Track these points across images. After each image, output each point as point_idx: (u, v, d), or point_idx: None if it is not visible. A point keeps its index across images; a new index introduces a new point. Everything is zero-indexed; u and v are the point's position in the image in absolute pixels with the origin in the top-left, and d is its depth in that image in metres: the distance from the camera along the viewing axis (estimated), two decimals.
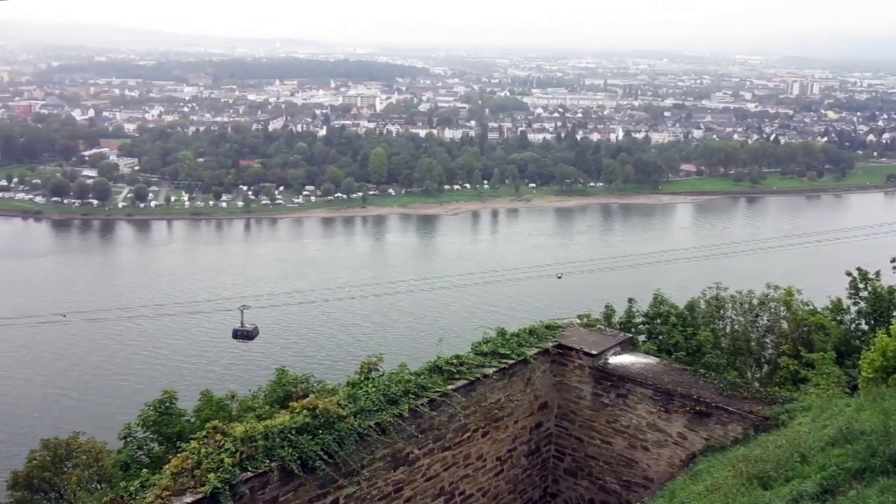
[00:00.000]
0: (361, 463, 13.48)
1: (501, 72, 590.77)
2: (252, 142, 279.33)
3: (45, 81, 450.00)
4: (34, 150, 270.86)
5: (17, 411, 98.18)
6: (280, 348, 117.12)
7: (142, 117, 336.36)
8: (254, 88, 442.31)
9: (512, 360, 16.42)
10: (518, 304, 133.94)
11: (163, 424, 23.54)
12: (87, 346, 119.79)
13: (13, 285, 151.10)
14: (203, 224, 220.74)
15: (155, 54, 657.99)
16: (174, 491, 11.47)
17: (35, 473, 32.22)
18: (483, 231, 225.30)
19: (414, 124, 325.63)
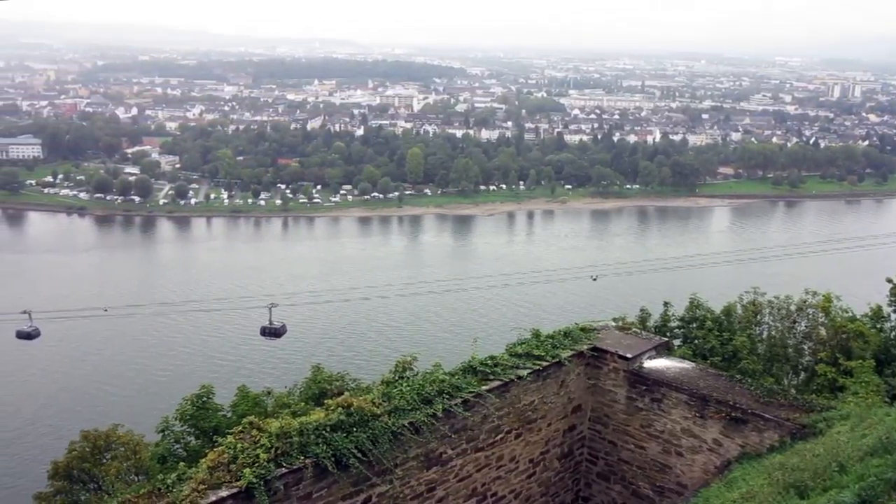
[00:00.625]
0: (395, 462, 13.55)
1: (538, 72, 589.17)
2: (290, 141, 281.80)
3: (90, 80, 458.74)
4: (79, 147, 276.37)
5: (59, 403, 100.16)
6: (315, 346, 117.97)
7: (183, 116, 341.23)
8: (293, 88, 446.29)
9: (546, 363, 16.39)
10: (553, 305, 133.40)
11: (199, 419, 23.86)
12: (126, 340, 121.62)
13: (58, 280, 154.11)
14: (242, 222, 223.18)
15: (197, 54, 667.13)
16: (210, 485, 11.63)
17: (75, 464, 32.77)
18: (518, 232, 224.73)
19: (451, 125, 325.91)
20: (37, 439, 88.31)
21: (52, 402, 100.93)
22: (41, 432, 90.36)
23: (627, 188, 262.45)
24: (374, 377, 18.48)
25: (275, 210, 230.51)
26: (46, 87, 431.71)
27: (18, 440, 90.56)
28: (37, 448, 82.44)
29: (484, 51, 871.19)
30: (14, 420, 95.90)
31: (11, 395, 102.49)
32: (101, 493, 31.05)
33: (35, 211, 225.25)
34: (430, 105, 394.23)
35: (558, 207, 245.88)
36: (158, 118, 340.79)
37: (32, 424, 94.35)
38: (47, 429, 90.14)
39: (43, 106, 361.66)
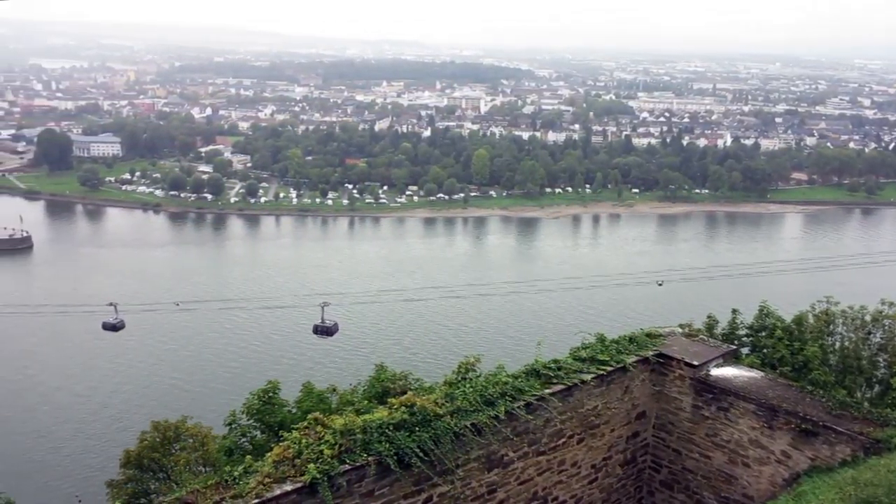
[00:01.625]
0: (456, 462, 13.59)
1: (607, 75, 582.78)
2: (358, 141, 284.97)
3: (167, 81, 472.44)
4: (155, 145, 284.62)
5: (133, 394, 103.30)
6: (379, 345, 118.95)
7: (255, 116, 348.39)
8: (362, 89, 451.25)
9: (611, 367, 16.24)
10: (618, 310, 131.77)
11: (265, 413, 24.29)
12: (197, 334, 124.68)
13: (134, 274, 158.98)
14: (309, 220, 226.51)
15: (269, 55, 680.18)
16: (275, 478, 11.86)
17: (145, 454, 33.62)
18: (584, 235, 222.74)
19: (517, 126, 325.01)
20: (111, 428, 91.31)
21: (127, 392, 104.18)
22: (115, 421, 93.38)
23: (696, 193, 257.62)
24: (436, 377, 18.56)
25: (341, 209, 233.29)
26: (126, 88, 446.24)
27: (94, 428, 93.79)
28: (111, 436, 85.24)
29: (552, 52, 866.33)
30: (91, 409, 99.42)
31: (91, 385, 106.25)
32: (170, 483, 31.82)
33: (113, 207, 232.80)
34: (498, 107, 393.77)
35: (624, 211, 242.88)
36: (231, 118, 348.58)
37: (108, 413, 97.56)
38: (121, 418, 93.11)
39: (123, 105, 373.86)
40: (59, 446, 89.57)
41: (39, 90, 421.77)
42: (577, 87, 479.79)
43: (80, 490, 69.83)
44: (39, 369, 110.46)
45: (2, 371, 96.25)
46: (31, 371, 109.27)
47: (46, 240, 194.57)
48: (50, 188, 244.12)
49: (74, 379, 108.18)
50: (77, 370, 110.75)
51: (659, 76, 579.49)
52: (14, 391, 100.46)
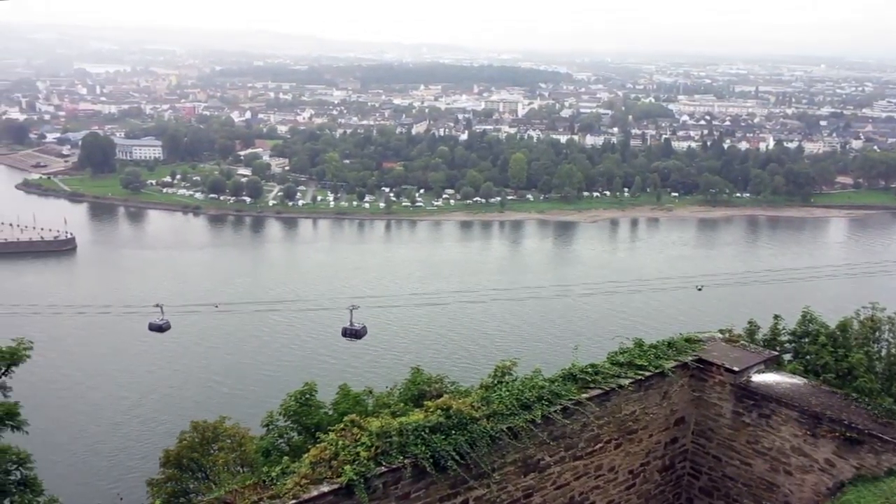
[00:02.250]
0: (492, 466, 13.53)
1: (647, 77, 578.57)
2: (396, 145, 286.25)
3: (208, 85, 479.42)
4: (196, 148, 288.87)
5: (173, 394, 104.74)
6: (415, 347, 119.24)
7: (293, 119, 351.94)
8: (399, 93, 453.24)
9: (649, 373, 16.05)
10: (656, 315, 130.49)
11: (302, 415, 24.44)
12: (235, 336, 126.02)
13: (175, 276, 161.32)
14: (346, 223, 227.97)
15: (308, 59, 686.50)
16: (312, 479, 11.90)
17: (184, 453, 34.04)
18: (622, 239, 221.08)
19: (555, 130, 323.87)
20: (151, 427, 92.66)
21: (167, 393, 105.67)
22: (156, 421, 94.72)
23: (737, 197, 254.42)
24: (472, 381, 18.52)
25: (378, 213, 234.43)
26: (168, 92, 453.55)
27: (135, 427, 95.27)
28: (151, 435, 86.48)
29: (591, 55, 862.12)
30: (133, 408, 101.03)
31: (133, 385, 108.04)
32: (208, 483, 32.16)
33: (154, 209, 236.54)
34: (535, 110, 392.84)
35: (664, 215, 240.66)
36: (270, 121, 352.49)
37: (148, 413, 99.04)
38: (161, 418, 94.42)
39: (164, 109, 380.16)
40: (101, 445, 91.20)
41: (84, 94, 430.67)
42: (616, 91, 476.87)
43: (122, 489, 70.98)
44: (83, 369, 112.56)
45: (47, 371, 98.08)
46: (74, 370, 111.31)
47: (89, 241, 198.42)
48: (93, 190, 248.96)
49: (117, 378, 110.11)
50: (120, 370, 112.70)
51: (700, 79, 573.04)
52: (59, 390, 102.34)
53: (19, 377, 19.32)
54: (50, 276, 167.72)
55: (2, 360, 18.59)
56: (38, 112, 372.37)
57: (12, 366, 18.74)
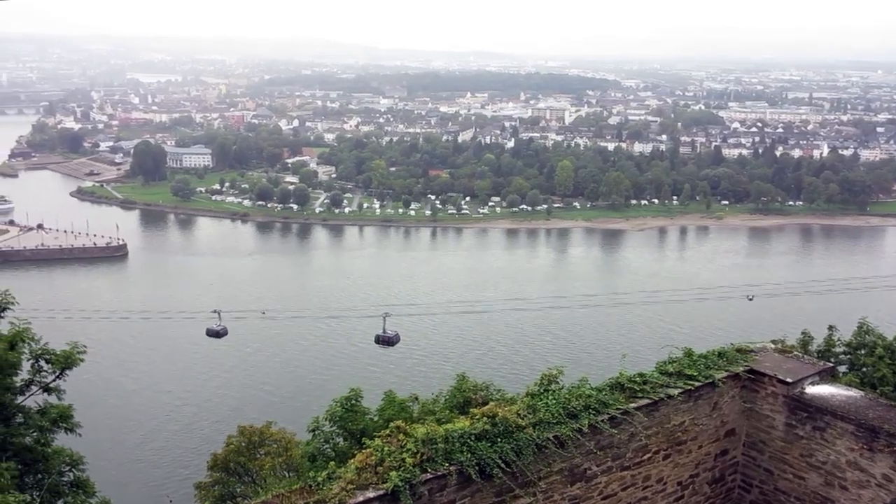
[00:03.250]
0: (538, 475, 13.39)
1: (697, 84, 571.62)
2: (442, 152, 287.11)
3: (257, 93, 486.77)
4: (244, 156, 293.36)
5: (222, 399, 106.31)
6: (460, 354, 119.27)
7: (340, 127, 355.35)
8: (446, 100, 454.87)
9: (699, 383, 15.75)
10: (706, 324, 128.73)
11: (348, 420, 24.53)
12: (282, 342, 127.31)
13: (224, 282, 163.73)
14: (392, 231, 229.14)
15: (355, 68, 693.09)
16: (358, 485, 11.90)
17: (231, 457, 34.47)
18: (670, 248, 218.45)
19: (603, 137, 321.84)
20: (200, 431, 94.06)
21: (217, 397, 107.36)
22: (205, 424, 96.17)
23: (789, 205, 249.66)
24: (518, 389, 18.40)
25: (424, 220, 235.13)
26: (218, 100, 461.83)
27: (186, 431, 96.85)
28: (200, 439, 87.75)
29: (640, 62, 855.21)
30: (185, 412, 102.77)
31: (184, 388, 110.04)
32: (254, 487, 32.46)
33: (203, 216, 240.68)
34: (583, 118, 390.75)
35: (713, 223, 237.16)
36: (317, 129, 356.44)
37: (198, 417, 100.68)
38: (210, 421, 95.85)
39: (214, 118, 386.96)
40: (151, 448, 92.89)
41: (136, 103, 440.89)
42: (665, 98, 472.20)
43: (170, 491, 72.12)
44: (136, 373, 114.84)
45: (101, 375, 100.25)
46: (128, 375, 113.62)
47: (140, 247, 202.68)
48: (144, 198, 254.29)
49: (168, 383, 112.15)
50: (171, 375, 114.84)
51: (751, 85, 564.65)
52: (112, 394, 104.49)
53: (73, 381, 19.71)
54: (103, 281, 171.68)
55: (56, 364, 18.95)
56: (92, 121, 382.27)
57: (66, 369, 19.10)
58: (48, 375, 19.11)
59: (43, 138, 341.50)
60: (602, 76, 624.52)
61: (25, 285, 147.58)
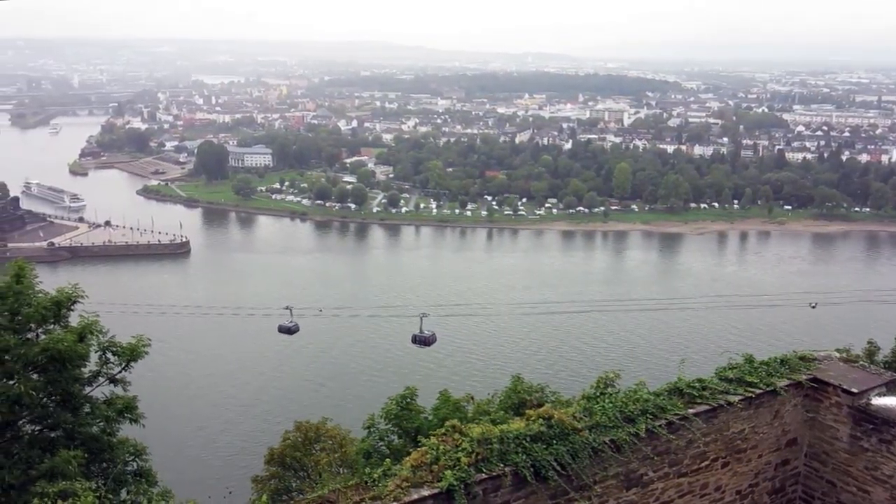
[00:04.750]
0: (594, 478, 13.31)
1: (760, 87, 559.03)
2: (499, 153, 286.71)
3: (317, 94, 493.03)
4: (304, 156, 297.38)
5: (279, 395, 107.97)
6: (517, 356, 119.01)
7: (398, 128, 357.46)
8: (503, 102, 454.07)
9: (759, 390, 15.45)
10: (767, 331, 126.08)
11: (403, 419, 24.71)
12: (340, 340, 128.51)
13: (283, 280, 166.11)
14: (448, 231, 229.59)
15: (414, 69, 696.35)
16: (413, 483, 11.98)
17: (287, 452, 35.01)
18: (730, 253, 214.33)
19: (662, 140, 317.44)
20: (258, 425, 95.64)
21: (274, 392, 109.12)
22: (262, 419, 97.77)
23: (855, 211, 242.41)
24: (572, 392, 18.33)
25: (480, 221, 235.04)
26: (279, 101, 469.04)
27: (244, 425, 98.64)
28: (258, 433, 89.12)
29: (701, 64, 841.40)
30: (242, 407, 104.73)
31: (245, 383, 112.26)
32: (310, 482, 32.90)
33: (263, 215, 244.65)
34: (642, 120, 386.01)
35: (775, 229, 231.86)
36: (376, 130, 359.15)
37: (257, 411, 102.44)
38: (267, 416, 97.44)
39: (275, 118, 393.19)
40: (211, 440, 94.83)
41: (200, 104, 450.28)
42: (727, 100, 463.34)
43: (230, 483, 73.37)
44: (199, 367, 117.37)
45: (165, 368, 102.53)
46: (190, 369, 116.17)
47: (202, 245, 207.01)
48: (207, 196, 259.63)
49: (228, 377, 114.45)
50: (230, 369, 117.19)
51: (817, 88, 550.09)
52: (175, 387, 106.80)
53: (138, 373, 20.25)
54: (166, 277, 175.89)
55: (122, 356, 19.47)
56: (158, 122, 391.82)
57: (132, 361, 19.62)
58: (114, 367, 19.64)
59: (111, 138, 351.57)
60: (662, 78, 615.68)
61: (93, 280, 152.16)
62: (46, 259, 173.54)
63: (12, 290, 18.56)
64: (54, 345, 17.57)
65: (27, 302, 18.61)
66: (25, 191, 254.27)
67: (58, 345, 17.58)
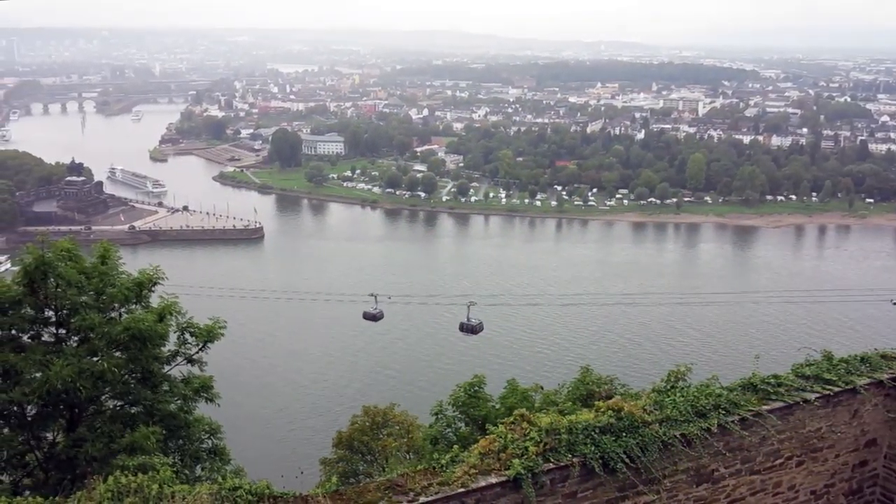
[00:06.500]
0: (663, 472, 13.17)
1: (843, 75, 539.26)
2: (569, 143, 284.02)
3: (389, 83, 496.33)
4: (375, 145, 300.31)
5: (348, 380, 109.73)
6: (586, 347, 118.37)
7: (469, 117, 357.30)
8: (575, 91, 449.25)
9: (838, 388, 15.02)
10: (847, 327, 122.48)
11: (470, 406, 24.83)
12: (411, 326, 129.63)
13: (355, 266, 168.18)
14: (517, 221, 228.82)
15: (485, 58, 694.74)
16: (480, 470, 12.07)
17: (355, 436, 35.63)
18: (808, 247, 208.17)
19: (738, 130, 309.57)
20: (327, 409, 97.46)
21: (344, 376, 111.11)
22: (331, 403, 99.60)
23: None
24: (641, 384, 18.12)
25: (549, 211, 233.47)
26: (351, 90, 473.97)
27: (313, 408, 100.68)
28: (328, 416, 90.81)
29: (780, 52, 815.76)
30: (313, 390, 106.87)
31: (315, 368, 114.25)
32: (376, 466, 33.38)
33: (334, 202, 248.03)
34: (717, 109, 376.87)
35: (856, 223, 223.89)
36: (446, 119, 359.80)
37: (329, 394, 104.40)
38: (341, 400, 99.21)
39: (347, 107, 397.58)
40: (280, 421, 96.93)
41: (275, 93, 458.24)
42: (807, 89, 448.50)
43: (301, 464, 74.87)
44: (271, 350, 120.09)
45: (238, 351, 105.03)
46: (264, 352, 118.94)
47: (275, 231, 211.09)
48: (280, 183, 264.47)
49: (300, 361, 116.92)
50: (302, 353, 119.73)
51: None
52: (249, 369, 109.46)
53: (214, 354, 20.84)
54: (241, 262, 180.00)
55: (200, 337, 20.07)
56: (234, 109, 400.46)
57: (208, 342, 20.21)
58: (192, 347, 20.26)
59: (190, 125, 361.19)
60: (739, 66, 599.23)
61: (171, 262, 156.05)
62: (127, 242, 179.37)
63: (98, 270, 19.29)
64: (136, 324, 18.19)
65: (111, 282, 19.31)
66: (110, 176, 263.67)
67: (139, 324, 18.19)
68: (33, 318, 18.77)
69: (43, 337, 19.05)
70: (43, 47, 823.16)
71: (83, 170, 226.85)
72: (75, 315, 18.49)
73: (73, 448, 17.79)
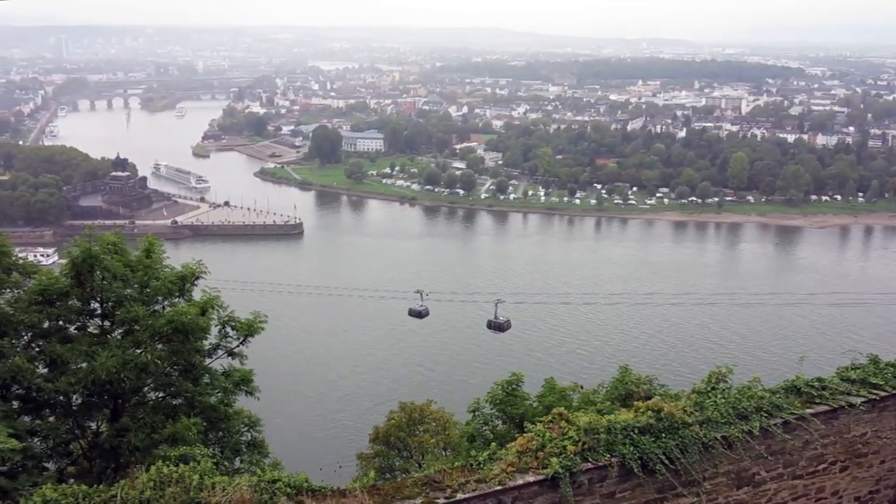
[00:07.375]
0: (703, 474, 13.04)
1: (891, 73, 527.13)
2: (610, 141, 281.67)
3: (428, 80, 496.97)
4: (414, 142, 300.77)
5: (386, 376, 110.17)
6: (625, 346, 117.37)
7: (508, 115, 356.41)
8: (616, 88, 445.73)
9: (885, 393, 14.72)
10: (892, 331, 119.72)
11: (508, 404, 24.75)
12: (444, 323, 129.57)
13: (392, 262, 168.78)
14: (556, 219, 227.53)
15: (525, 55, 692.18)
16: (518, 468, 12.06)
17: (392, 432, 35.75)
18: (854, 248, 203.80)
19: (782, 128, 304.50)
20: (364, 404, 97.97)
21: (380, 372, 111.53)
22: (368, 398, 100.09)
23: None
24: (681, 385, 17.92)
25: (588, 209, 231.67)
26: (391, 87, 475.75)
27: (351, 403, 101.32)
28: (364, 412, 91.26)
29: (827, 50, 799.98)
30: (350, 385, 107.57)
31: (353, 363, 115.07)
32: (412, 461, 33.47)
33: (373, 199, 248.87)
34: (761, 107, 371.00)
35: None
36: (486, 116, 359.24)
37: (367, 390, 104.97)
38: (375, 394, 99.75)
39: (387, 104, 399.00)
40: (319, 416, 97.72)
41: (316, 90, 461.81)
42: (855, 87, 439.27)
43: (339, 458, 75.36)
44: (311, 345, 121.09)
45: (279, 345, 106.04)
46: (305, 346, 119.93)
47: (315, 226, 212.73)
48: (320, 179, 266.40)
49: (338, 355, 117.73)
50: (341, 348, 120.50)
51: None
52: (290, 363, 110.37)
53: (255, 348, 21.06)
54: (281, 257, 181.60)
55: (240, 331, 20.31)
56: (275, 106, 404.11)
57: (249, 336, 20.45)
58: (233, 341, 20.53)
59: (232, 122, 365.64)
60: (784, 63, 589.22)
61: (213, 257, 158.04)
62: (170, 236, 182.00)
63: (143, 263, 19.64)
64: (179, 317, 18.47)
65: (155, 276, 19.66)
66: (155, 171, 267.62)
67: (182, 317, 18.47)
68: (80, 309, 19.18)
69: (89, 328, 19.45)
70: (90, 45, 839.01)
71: (128, 165, 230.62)
72: (120, 307, 18.84)
73: (116, 438, 18.13)
